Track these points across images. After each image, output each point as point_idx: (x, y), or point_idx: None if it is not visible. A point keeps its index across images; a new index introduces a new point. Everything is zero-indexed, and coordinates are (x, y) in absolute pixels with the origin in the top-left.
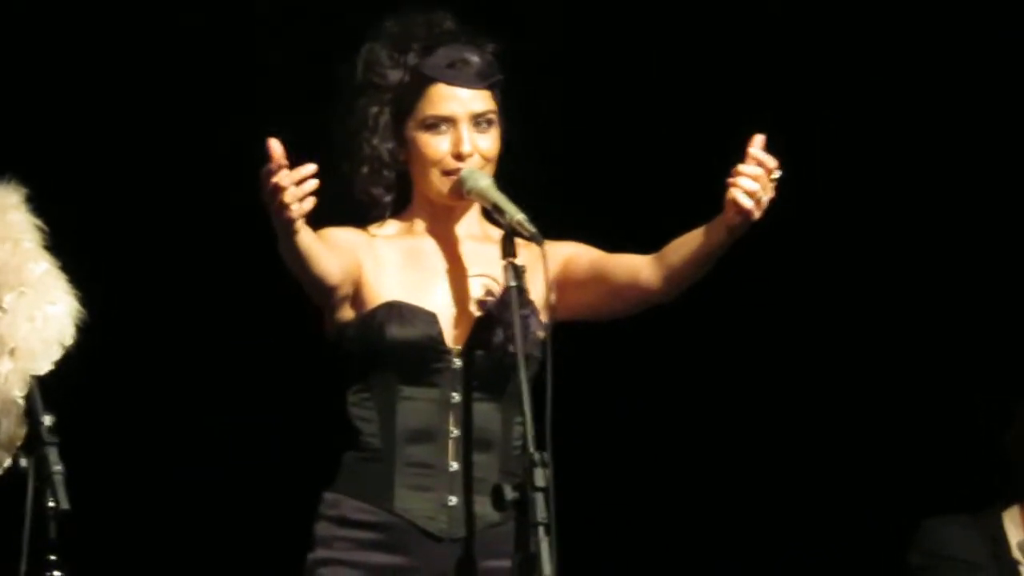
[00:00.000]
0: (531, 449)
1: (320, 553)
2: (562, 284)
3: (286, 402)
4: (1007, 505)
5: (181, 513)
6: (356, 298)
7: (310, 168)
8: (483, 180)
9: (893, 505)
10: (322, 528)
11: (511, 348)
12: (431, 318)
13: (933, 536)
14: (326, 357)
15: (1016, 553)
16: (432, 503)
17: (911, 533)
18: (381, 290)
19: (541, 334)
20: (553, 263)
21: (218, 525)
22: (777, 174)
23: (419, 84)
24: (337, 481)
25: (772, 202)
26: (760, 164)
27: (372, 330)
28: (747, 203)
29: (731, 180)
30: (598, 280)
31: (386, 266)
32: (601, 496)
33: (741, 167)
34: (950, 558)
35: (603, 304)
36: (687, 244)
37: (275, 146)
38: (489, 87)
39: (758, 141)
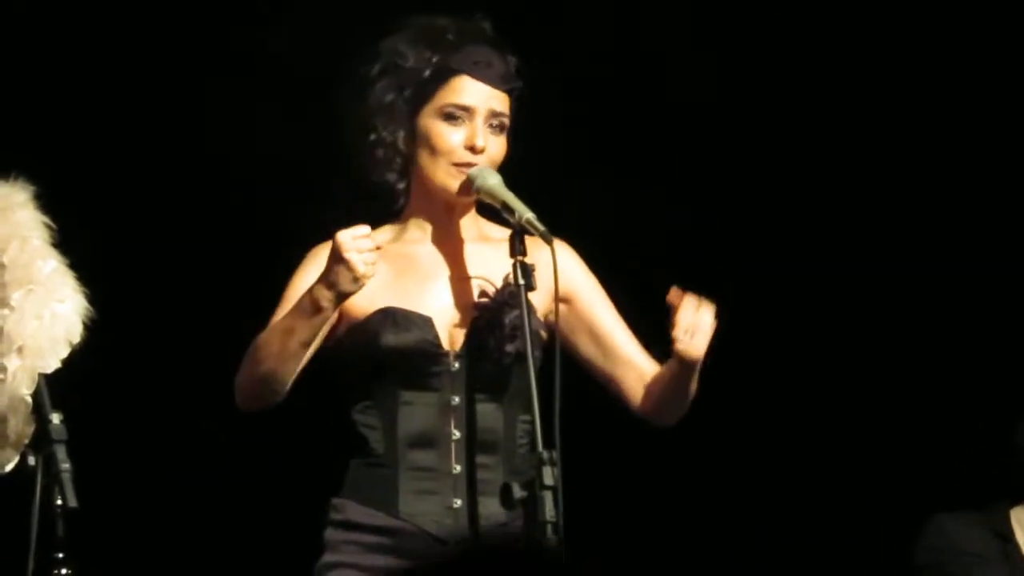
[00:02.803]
0: (539, 448)
1: (328, 557)
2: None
3: (297, 407)
4: (1014, 503)
5: (190, 515)
6: (347, 312)
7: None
8: (492, 178)
9: (899, 501)
10: (330, 533)
11: (508, 348)
12: (426, 322)
13: (940, 531)
14: (328, 369)
15: None
16: (437, 506)
17: (917, 529)
18: (373, 299)
19: (543, 333)
20: (562, 277)
21: (227, 529)
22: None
23: (442, 74)
24: (344, 487)
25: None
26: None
27: (368, 338)
28: (682, 347)
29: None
30: (590, 343)
31: (376, 277)
32: (608, 494)
33: (676, 317)
34: (957, 552)
35: (583, 363)
36: (662, 374)
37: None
38: (508, 92)
39: (675, 297)
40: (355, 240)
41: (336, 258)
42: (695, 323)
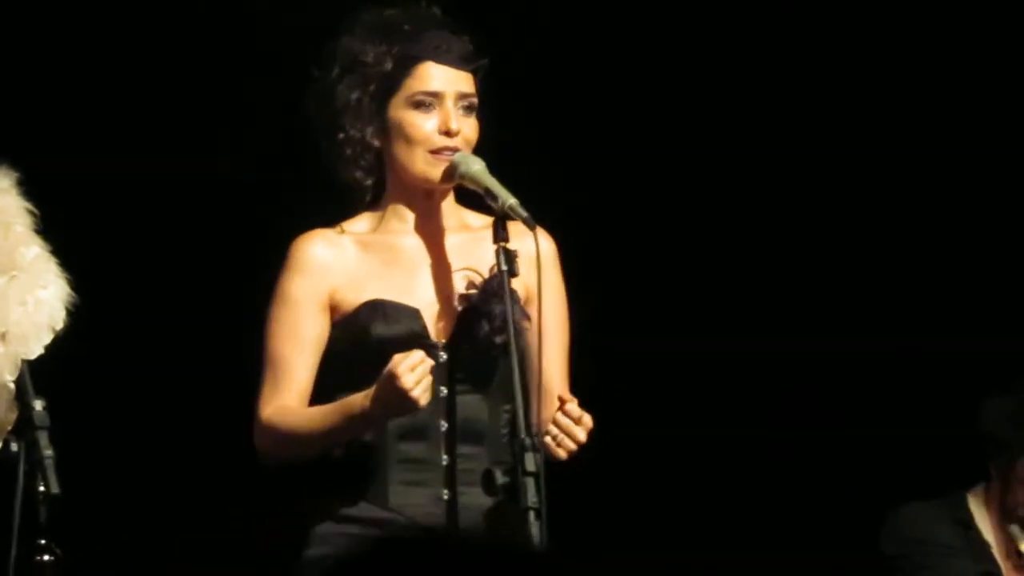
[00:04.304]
0: (522, 434)
1: (316, 551)
2: None
3: None
4: (971, 487)
5: (173, 502)
6: (336, 305)
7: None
8: (476, 164)
9: (860, 492)
10: (318, 526)
11: (496, 339)
12: (414, 314)
13: (905, 523)
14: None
15: (987, 535)
16: (427, 498)
17: (880, 518)
18: (361, 292)
19: (527, 324)
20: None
21: (212, 519)
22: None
23: (405, 63)
24: (331, 479)
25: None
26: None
27: (357, 330)
28: (551, 446)
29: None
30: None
31: (361, 269)
32: (591, 480)
33: (556, 416)
34: (925, 544)
35: None
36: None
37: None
38: (473, 71)
39: (566, 397)
40: (414, 371)
41: (393, 385)
42: (569, 432)
